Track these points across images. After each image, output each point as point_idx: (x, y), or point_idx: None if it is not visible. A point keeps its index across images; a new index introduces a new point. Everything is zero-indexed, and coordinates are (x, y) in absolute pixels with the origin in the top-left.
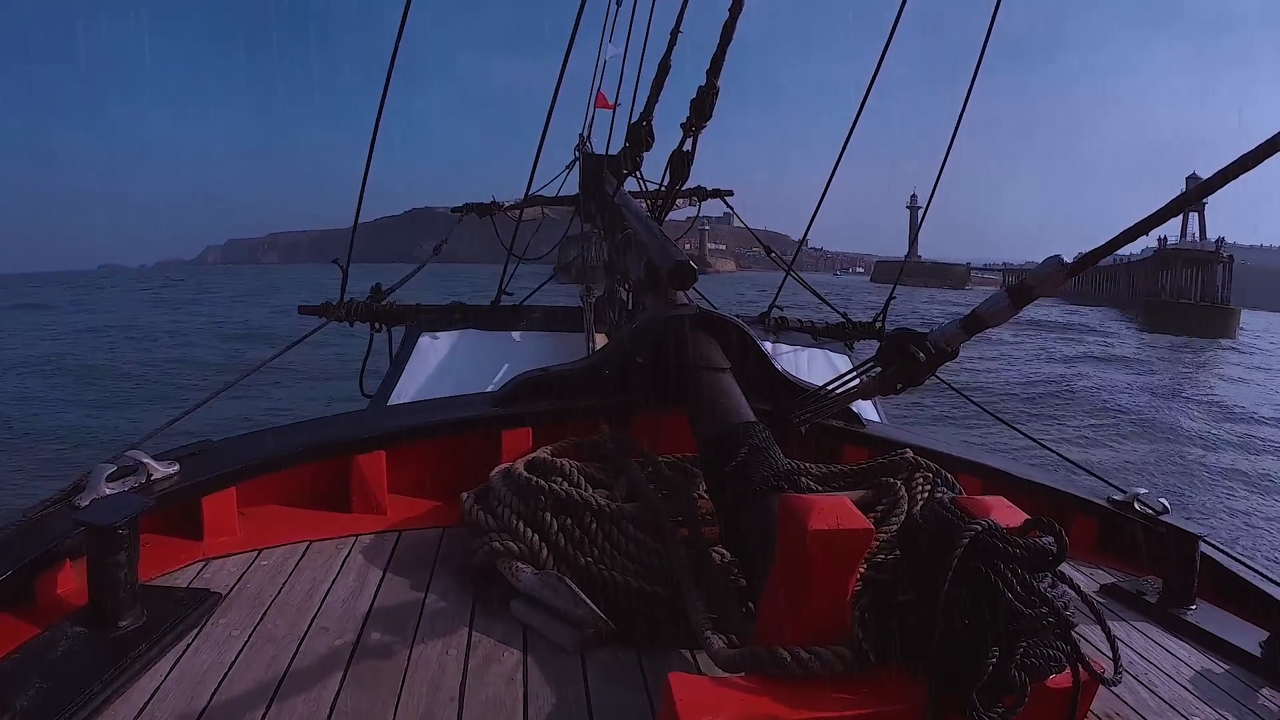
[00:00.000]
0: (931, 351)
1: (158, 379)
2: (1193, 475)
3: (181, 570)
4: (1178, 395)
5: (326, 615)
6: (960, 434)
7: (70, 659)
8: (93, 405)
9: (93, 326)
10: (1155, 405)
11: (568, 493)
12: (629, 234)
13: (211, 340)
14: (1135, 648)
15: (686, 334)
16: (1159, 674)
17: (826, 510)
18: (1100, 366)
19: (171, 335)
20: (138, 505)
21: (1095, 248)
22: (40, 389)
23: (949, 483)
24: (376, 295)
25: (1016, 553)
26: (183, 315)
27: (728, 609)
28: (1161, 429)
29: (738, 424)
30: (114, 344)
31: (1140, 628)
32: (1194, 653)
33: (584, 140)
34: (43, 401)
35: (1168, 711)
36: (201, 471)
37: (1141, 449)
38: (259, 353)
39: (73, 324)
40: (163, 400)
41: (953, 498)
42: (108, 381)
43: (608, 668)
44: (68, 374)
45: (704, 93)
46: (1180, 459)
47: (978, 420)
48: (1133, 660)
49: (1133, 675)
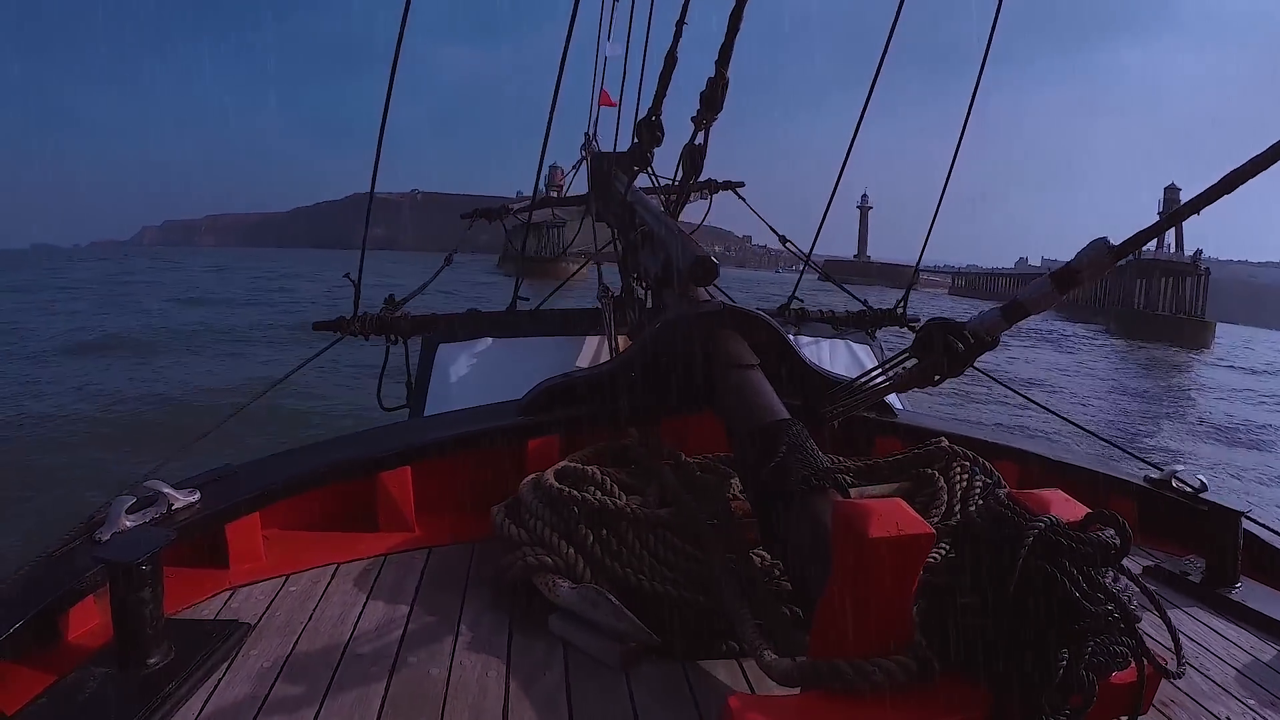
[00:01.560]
0: (970, 341)
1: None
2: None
3: (208, 601)
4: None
5: (360, 641)
6: (988, 418)
7: (100, 702)
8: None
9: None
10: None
11: (601, 501)
12: (644, 231)
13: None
14: (1184, 630)
15: (712, 331)
16: (1211, 657)
17: (885, 516)
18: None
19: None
20: (160, 539)
21: (1140, 232)
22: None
23: (986, 470)
24: (390, 306)
25: (1082, 550)
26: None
27: (773, 615)
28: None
29: (773, 422)
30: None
31: (1187, 609)
32: (1243, 633)
33: (589, 139)
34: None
35: (1223, 696)
36: (223, 498)
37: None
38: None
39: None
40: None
41: (1008, 492)
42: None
43: (654, 684)
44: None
45: (714, 84)
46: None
47: (1003, 404)
48: (1183, 644)
49: (1186, 660)
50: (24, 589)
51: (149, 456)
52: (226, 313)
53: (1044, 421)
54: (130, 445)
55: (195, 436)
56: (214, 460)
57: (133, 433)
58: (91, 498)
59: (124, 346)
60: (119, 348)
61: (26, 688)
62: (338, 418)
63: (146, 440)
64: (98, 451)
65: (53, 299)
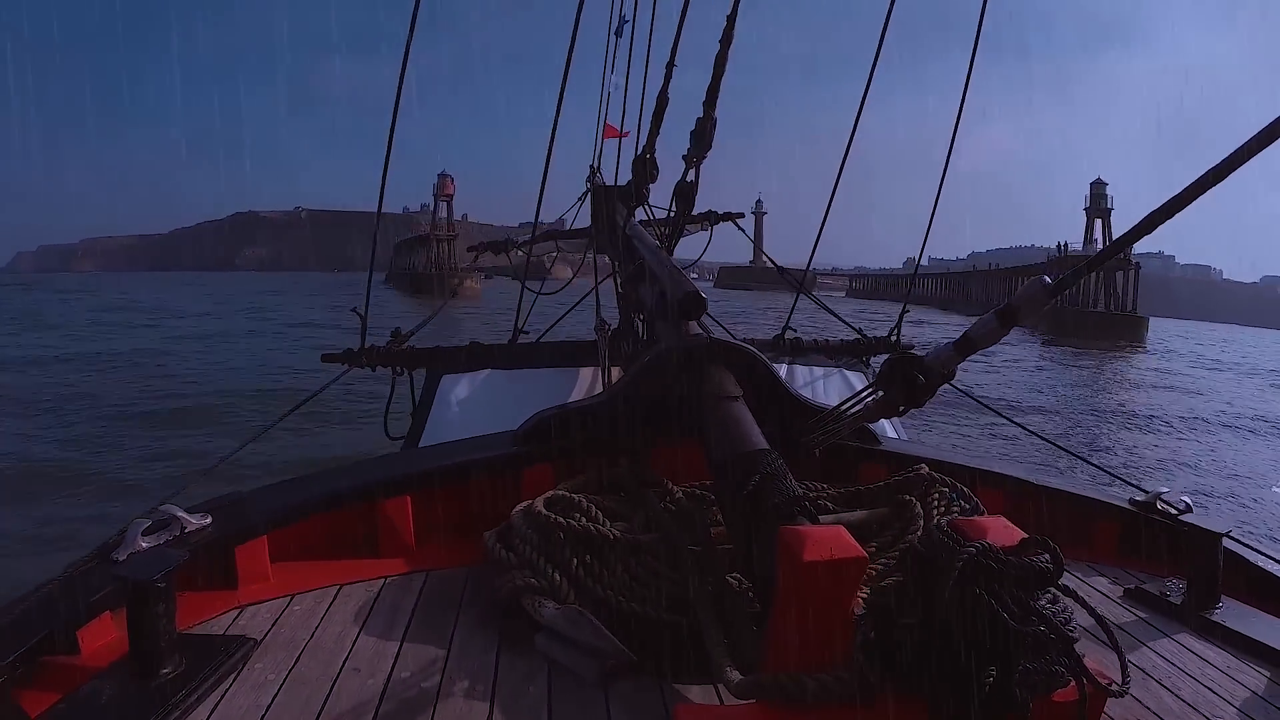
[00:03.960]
0: (928, 375)
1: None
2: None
3: (217, 618)
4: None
5: (358, 657)
6: (980, 445)
7: (115, 708)
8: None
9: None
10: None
11: (585, 527)
12: (641, 264)
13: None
14: (1160, 651)
15: (698, 364)
16: (1183, 677)
17: (821, 541)
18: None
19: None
20: (174, 559)
21: (1076, 267)
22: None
23: (966, 496)
24: (396, 339)
25: (1011, 573)
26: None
27: (743, 635)
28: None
29: (749, 451)
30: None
31: (1165, 630)
32: (1220, 653)
33: (594, 171)
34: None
35: (1190, 714)
36: (233, 522)
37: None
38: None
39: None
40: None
41: (951, 520)
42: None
43: (629, 699)
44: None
45: (702, 123)
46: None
47: (993, 430)
48: (1156, 664)
49: (1155, 679)
50: (45, 603)
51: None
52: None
53: (1033, 446)
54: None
55: (216, 461)
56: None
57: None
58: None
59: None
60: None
61: (47, 695)
62: (334, 450)
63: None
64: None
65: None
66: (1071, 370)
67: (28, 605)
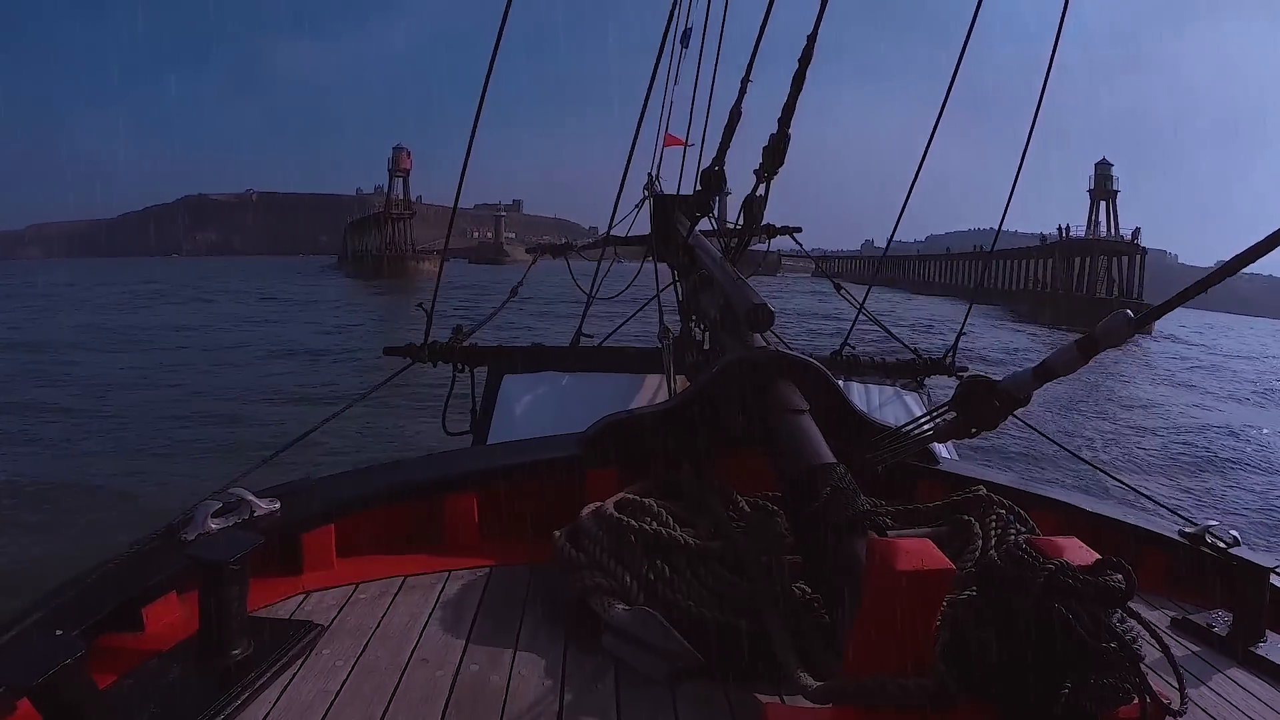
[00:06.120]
0: (1004, 399)
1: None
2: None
3: (282, 603)
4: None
5: (425, 647)
6: (1032, 470)
7: (182, 686)
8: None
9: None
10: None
11: (656, 531)
12: (704, 274)
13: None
14: (1206, 681)
15: (766, 377)
16: (1229, 707)
17: (911, 552)
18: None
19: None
20: (250, 542)
21: (1168, 299)
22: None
23: (1021, 519)
24: (457, 336)
25: (1087, 591)
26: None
27: (812, 644)
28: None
29: (818, 465)
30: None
31: (1211, 661)
32: (1266, 687)
33: (652, 179)
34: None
35: None
36: (302, 509)
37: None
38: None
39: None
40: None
41: (1028, 538)
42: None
43: (696, 700)
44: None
45: (776, 140)
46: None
47: (1047, 456)
48: (1203, 694)
49: (1201, 707)
50: (112, 579)
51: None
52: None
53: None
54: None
55: (280, 448)
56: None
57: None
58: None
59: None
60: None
61: (109, 669)
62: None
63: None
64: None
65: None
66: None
67: (95, 579)
